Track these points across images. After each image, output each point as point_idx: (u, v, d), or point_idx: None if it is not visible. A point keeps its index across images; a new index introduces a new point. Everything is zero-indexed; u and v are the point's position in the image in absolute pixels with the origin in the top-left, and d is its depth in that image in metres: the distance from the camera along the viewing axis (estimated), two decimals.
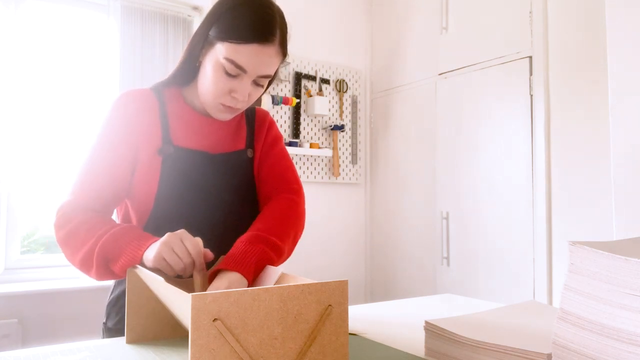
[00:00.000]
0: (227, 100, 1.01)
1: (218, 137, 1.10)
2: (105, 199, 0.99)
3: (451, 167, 2.60)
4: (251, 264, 0.90)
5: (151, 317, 0.87)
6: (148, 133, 1.03)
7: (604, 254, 0.57)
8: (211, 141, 1.08)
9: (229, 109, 1.03)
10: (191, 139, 1.06)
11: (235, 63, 0.97)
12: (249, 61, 0.97)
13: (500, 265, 2.32)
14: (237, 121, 1.15)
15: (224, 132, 1.11)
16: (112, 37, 2.44)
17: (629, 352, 0.54)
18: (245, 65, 0.97)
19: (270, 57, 1.00)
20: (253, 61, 0.97)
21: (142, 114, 1.03)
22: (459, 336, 0.74)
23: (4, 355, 0.76)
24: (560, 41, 2.14)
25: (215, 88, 1.00)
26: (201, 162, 1.05)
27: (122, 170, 1.00)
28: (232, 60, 0.96)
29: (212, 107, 1.04)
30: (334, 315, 0.66)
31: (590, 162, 2.02)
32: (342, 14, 3.15)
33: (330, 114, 3.03)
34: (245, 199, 1.10)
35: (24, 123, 2.35)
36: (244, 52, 0.96)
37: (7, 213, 2.27)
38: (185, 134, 1.06)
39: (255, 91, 1.03)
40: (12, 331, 2.09)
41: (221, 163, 1.07)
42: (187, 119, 1.08)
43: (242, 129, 1.15)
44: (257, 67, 0.98)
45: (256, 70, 0.99)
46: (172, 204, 1.01)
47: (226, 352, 0.59)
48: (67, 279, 2.37)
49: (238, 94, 1.00)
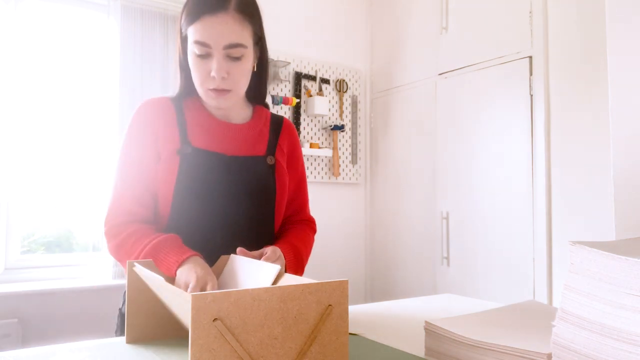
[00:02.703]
0: (210, 83, 1.05)
1: (237, 141, 1.14)
2: (143, 199, 1.07)
3: (451, 167, 2.60)
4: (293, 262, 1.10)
5: (151, 317, 0.87)
6: (167, 135, 1.08)
7: (604, 254, 0.57)
8: (229, 144, 1.12)
9: (215, 92, 1.06)
10: (209, 142, 1.10)
11: (199, 41, 1.01)
12: (207, 34, 1.01)
13: (500, 265, 2.31)
14: (260, 128, 1.19)
15: (244, 137, 1.15)
16: (112, 37, 2.44)
17: (629, 352, 0.54)
18: (206, 39, 1.01)
19: (226, 24, 1.02)
20: (210, 33, 1.01)
21: (161, 118, 1.09)
22: (459, 336, 0.74)
23: (4, 355, 0.76)
24: (560, 41, 2.14)
25: (196, 75, 1.05)
26: (217, 163, 1.08)
27: (151, 169, 1.07)
28: (196, 40, 1.02)
29: (205, 97, 1.09)
30: (334, 315, 0.66)
31: (590, 162, 2.02)
32: (342, 14, 3.15)
33: (330, 114, 3.03)
34: (261, 203, 1.13)
35: (24, 123, 2.35)
36: (200, 27, 1.01)
37: (7, 213, 2.27)
38: (204, 137, 1.11)
39: (234, 66, 1.05)
40: (12, 331, 2.09)
41: (236, 165, 1.10)
42: (206, 124, 1.12)
43: (264, 136, 1.19)
44: (217, 37, 1.01)
45: (218, 41, 1.01)
46: (188, 202, 1.05)
47: (226, 352, 0.59)
48: (67, 279, 2.37)
49: (215, 72, 1.03)
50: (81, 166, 2.49)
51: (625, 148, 1.17)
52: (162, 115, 1.10)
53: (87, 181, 2.50)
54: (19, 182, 2.32)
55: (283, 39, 2.88)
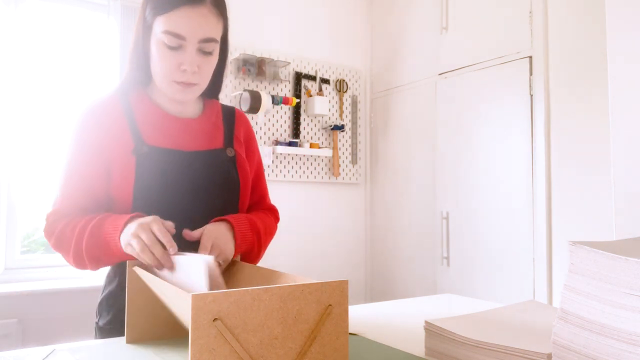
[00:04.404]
0: (178, 75, 1.01)
1: (191, 136, 1.10)
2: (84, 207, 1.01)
3: (451, 167, 2.60)
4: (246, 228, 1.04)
5: (151, 317, 0.87)
6: (117, 136, 1.03)
7: (604, 254, 0.57)
8: (184, 140, 1.08)
9: (183, 85, 1.02)
10: (163, 138, 1.06)
11: (172, 32, 0.97)
12: (183, 26, 0.97)
13: (500, 265, 2.31)
14: (213, 121, 1.16)
15: (197, 131, 1.11)
16: (112, 37, 2.44)
17: (629, 352, 0.54)
18: (182, 31, 0.97)
19: (204, 17, 0.99)
20: (187, 25, 0.97)
21: (108, 118, 1.04)
22: (459, 336, 0.74)
23: (4, 355, 0.76)
24: (560, 41, 2.14)
25: (163, 66, 1.00)
26: (176, 161, 1.04)
27: (95, 176, 1.02)
28: (168, 30, 0.97)
29: (168, 89, 1.04)
30: (334, 315, 0.66)
31: (590, 162, 2.02)
32: (342, 14, 3.15)
33: (330, 114, 3.03)
34: (225, 196, 1.09)
35: (24, 123, 2.35)
36: (176, 18, 0.97)
37: (7, 213, 2.27)
38: (157, 133, 1.06)
39: (205, 61, 1.02)
40: (12, 331, 2.09)
41: (197, 161, 1.07)
42: (156, 119, 1.07)
43: (218, 129, 1.15)
44: (194, 30, 0.98)
45: (194, 33, 0.98)
46: (149, 202, 1.01)
47: (226, 352, 0.59)
48: (67, 279, 2.37)
49: (186, 65, 0.99)
50: None
51: (625, 148, 1.17)
52: (109, 116, 1.04)
53: None
54: (19, 182, 2.32)
55: (283, 39, 2.88)
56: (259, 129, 2.77)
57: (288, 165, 2.86)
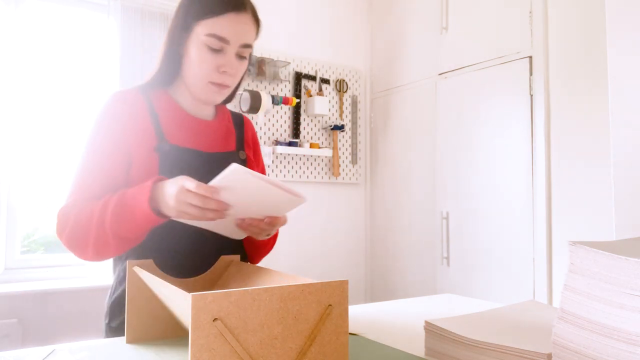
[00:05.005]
0: (216, 77, 1.05)
1: (209, 137, 1.13)
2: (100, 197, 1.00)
3: (451, 167, 2.60)
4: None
5: (151, 317, 0.87)
6: (141, 131, 1.05)
7: (604, 254, 0.57)
8: (203, 141, 1.12)
9: (219, 87, 1.07)
10: (184, 138, 1.09)
11: (217, 36, 1.02)
12: (229, 31, 1.03)
13: (500, 265, 2.31)
14: (226, 125, 1.20)
15: (214, 133, 1.15)
16: (112, 37, 2.44)
17: (629, 352, 0.54)
18: (227, 35, 1.03)
19: (247, 24, 1.06)
20: (233, 30, 1.03)
21: (132, 113, 1.06)
22: (459, 336, 0.74)
23: (4, 355, 0.76)
24: (560, 41, 2.14)
25: (202, 68, 1.04)
26: (196, 160, 1.07)
27: (116, 168, 1.03)
28: (214, 34, 1.02)
29: (202, 90, 1.07)
30: (334, 315, 0.66)
31: (590, 162, 2.02)
32: (342, 14, 3.15)
33: (330, 114, 3.03)
34: None
35: (24, 123, 2.35)
36: (222, 23, 1.02)
37: (7, 213, 2.27)
38: (178, 132, 1.09)
39: (240, 65, 1.08)
40: (12, 331, 2.09)
41: (214, 162, 1.10)
42: (177, 118, 1.10)
43: (231, 133, 1.20)
44: (238, 35, 1.04)
45: (237, 38, 1.04)
46: None
47: (226, 352, 0.59)
48: (67, 279, 2.37)
49: (227, 67, 1.05)
50: None
51: (625, 148, 1.17)
52: (133, 109, 1.06)
53: None
54: (19, 182, 2.32)
55: (283, 39, 2.88)
56: (259, 129, 2.77)
57: (288, 165, 2.86)
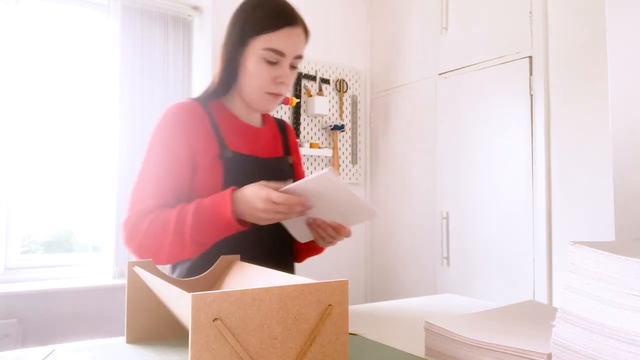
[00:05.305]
0: (273, 87, 1.15)
1: (262, 144, 1.23)
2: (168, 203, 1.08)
3: (451, 167, 2.60)
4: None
5: (151, 317, 0.87)
6: (204, 139, 1.13)
7: (604, 254, 0.57)
8: (258, 147, 1.21)
9: (275, 96, 1.16)
10: (242, 145, 1.18)
11: (274, 49, 1.11)
12: (285, 44, 1.11)
13: (500, 265, 2.31)
14: (273, 132, 1.29)
15: (266, 140, 1.24)
16: (112, 37, 2.44)
17: (629, 352, 0.54)
18: (283, 48, 1.11)
19: (299, 37, 1.15)
20: (288, 43, 1.12)
21: (196, 123, 1.13)
22: (459, 336, 0.74)
23: (4, 355, 0.76)
24: (560, 41, 2.14)
25: (260, 79, 1.13)
26: (254, 166, 1.17)
27: (183, 176, 1.11)
28: (271, 48, 1.11)
29: (259, 100, 1.16)
30: (334, 315, 0.66)
31: (590, 162, 2.02)
32: (342, 14, 3.15)
33: (330, 114, 3.03)
34: None
35: (24, 123, 2.35)
36: (278, 37, 1.11)
37: (7, 213, 2.27)
38: (236, 140, 1.17)
39: (292, 75, 1.17)
40: (12, 331, 2.09)
41: (269, 167, 1.20)
42: (234, 126, 1.19)
43: (278, 138, 1.30)
44: (293, 47, 1.13)
45: (292, 50, 1.13)
46: None
47: (226, 352, 0.59)
48: (67, 279, 2.37)
49: (283, 78, 1.14)
50: (81, 166, 2.49)
51: (625, 148, 1.18)
52: (196, 119, 1.13)
53: (87, 181, 2.50)
54: (19, 182, 2.32)
55: None
56: None
57: None
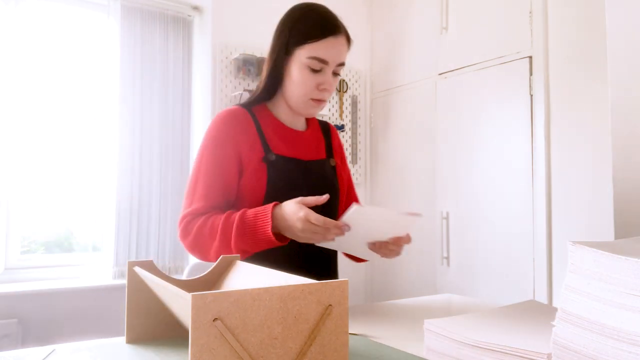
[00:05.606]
0: (316, 94, 1.19)
1: (305, 147, 1.26)
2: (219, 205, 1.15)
3: (451, 167, 2.60)
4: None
5: (151, 317, 0.87)
6: (250, 143, 1.19)
7: (604, 254, 0.57)
8: (300, 150, 1.25)
9: (318, 102, 1.21)
10: (285, 148, 1.22)
11: (319, 58, 1.16)
12: (329, 53, 1.17)
13: (500, 265, 2.31)
14: (317, 134, 1.33)
15: (308, 143, 1.28)
16: (112, 37, 2.44)
17: (629, 352, 0.54)
18: (327, 57, 1.17)
19: (343, 45, 1.20)
20: (332, 52, 1.17)
21: (243, 128, 1.19)
22: (459, 336, 0.74)
23: (4, 355, 0.76)
24: (560, 41, 2.14)
25: (305, 86, 1.18)
26: (296, 168, 1.21)
27: (233, 178, 1.17)
28: (315, 56, 1.16)
29: (303, 106, 1.21)
30: (334, 315, 0.66)
31: (590, 162, 2.02)
32: (342, 14, 3.13)
33: (330, 114, 3.03)
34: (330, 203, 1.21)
35: (24, 123, 2.35)
36: (323, 46, 1.16)
37: (7, 213, 2.27)
38: (280, 143, 1.22)
39: (335, 81, 1.22)
40: (12, 331, 2.09)
41: (311, 169, 1.24)
42: (278, 130, 1.24)
43: (321, 141, 1.33)
44: (336, 56, 1.18)
45: (336, 59, 1.18)
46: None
47: (226, 352, 0.59)
48: (67, 279, 2.37)
49: (326, 84, 1.18)
50: (81, 166, 2.49)
51: (625, 148, 1.18)
52: (243, 126, 1.19)
53: (87, 181, 2.50)
54: (19, 182, 2.32)
55: None
56: None
57: None
